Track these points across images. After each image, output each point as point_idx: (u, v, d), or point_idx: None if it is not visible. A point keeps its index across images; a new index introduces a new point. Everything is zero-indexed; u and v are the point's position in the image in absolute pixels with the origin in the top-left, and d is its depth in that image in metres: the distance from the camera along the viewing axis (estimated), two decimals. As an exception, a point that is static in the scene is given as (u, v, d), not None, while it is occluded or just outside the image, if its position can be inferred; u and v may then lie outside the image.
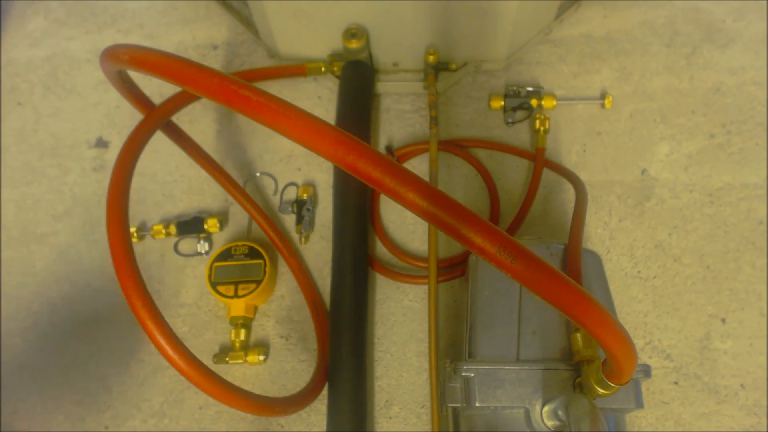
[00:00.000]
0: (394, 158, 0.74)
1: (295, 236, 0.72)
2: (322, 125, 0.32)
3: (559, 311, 0.35)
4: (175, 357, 0.42)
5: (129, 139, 0.53)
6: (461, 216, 0.31)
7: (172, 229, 0.72)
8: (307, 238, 0.71)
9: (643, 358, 0.64)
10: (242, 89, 0.33)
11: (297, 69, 0.77)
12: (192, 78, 0.36)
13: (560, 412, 0.45)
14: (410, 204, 0.31)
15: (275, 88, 0.81)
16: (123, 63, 0.42)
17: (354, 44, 0.72)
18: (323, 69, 0.76)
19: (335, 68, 0.76)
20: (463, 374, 0.49)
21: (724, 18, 0.80)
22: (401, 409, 0.64)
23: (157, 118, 0.58)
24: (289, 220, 0.73)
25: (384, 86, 0.79)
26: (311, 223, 0.72)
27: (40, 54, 0.88)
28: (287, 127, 0.33)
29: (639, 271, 0.68)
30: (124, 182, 0.49)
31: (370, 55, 0.76)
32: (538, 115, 0.73)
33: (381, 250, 0.71)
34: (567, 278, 0.31)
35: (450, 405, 0.50)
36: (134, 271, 0.44)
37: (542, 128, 0.72)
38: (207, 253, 0.72)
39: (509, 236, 0.31)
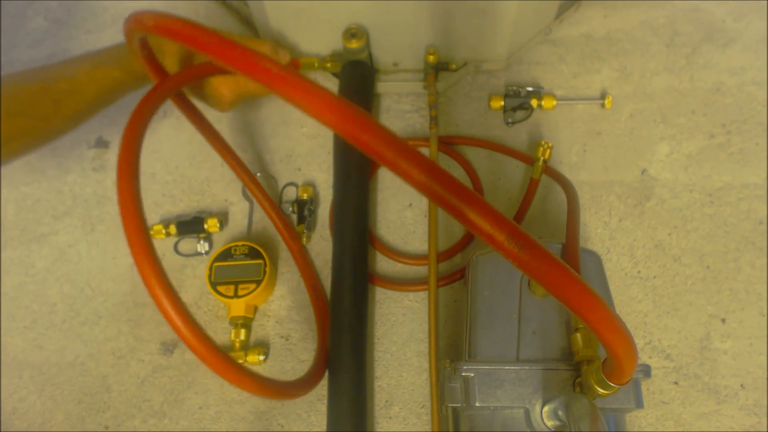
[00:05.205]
0: None
1: (295, 236, 0.72)
2: (340, 102, 0.33)
3: (559, 310, 0.35)
4: (186, 332, 0.42)
5: (141, 102, 0.51)
6: (472, 202, 0.31)
7: (172, 229, 0.72)
8: (308, 237, 0.72)
9: (643, 358, 0.64)
10: (263, 61, 0.35)
11: (290, 62, 0.75)
12: (215, 48, 0.38)
13: (560, 412, 0.45)
14: (424, 187, 0.32)
15: (275, 88, 0.81)
16: (148, 30, 0.43)
17: (354, 44, 0.72)
18: (316, 64, 0.75)
19: (328, 64, 0.75)
20: (463, 374, 0.49)
21: (724, 18, 0.80)
22: (401, 409, 0.64)
23: (169, 87, 0.57)
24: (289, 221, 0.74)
25: (384, 86, 0.79)
26: (312, 223, 0.72)
27: (40, 54, 0.88)
28: (307, 102, 0.34)
29: (639, 271, 0.68)
30: (136, 138, 0.48)
31: (370, 55, 0.76)
32: (542, 143, 0.69)
33: (379, 263, 0.71)
34: (572, 272, 0.31)
35: (450, 405, 0.50)
36: (144, 231, 0.43)
37: (542, 158, 0.69)
38: (207, 253, 0.72)
39: (517, 225, 0.31)
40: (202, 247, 0.72)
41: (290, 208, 0.72)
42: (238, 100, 0.68)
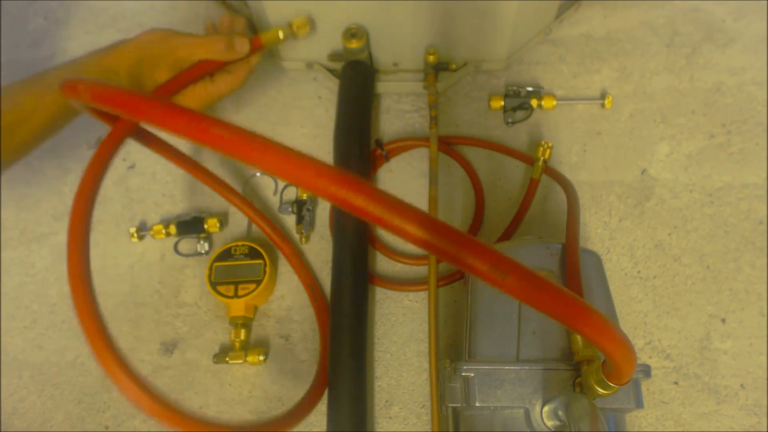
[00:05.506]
0: (383, 151, 0.75)
1: (295, 236, 0.72)
2: (300, 157, 0.31)
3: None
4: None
5: (97, 152, 0.50)
6: (450, 238, 0.30)
7: (172, 229, 0.72)
8: (307, 237, 0.72)
9: (643, 358, 0.64)
10: (214, 127, 0.31)
11: (252, 43, 0.65)
12: (160, 116, 0.34)
13: (560, 412, 0.45)
14: (397, 230, 0.30)
15: (275, 88, 0.81)
16: (83, 99, 0.40)
17: (354, 44, 0.72)
18: (281, 35, 0.66)
19: (295, 29, 0.67)
20: (463, 374, 0.49)
21: (724, 18, 0.80)
22: (401, 409, 0.64)
23: (125, 129, 0.54)
24: (289, 221, 0.73)
25: (384, 86, 0.79)
26: (311, 223, 0.72)
27: (40, 54, 0.88)
28: (264, 161, 0.30)
29: (639, 271, 0.68)
30: (89, 196, 0.47)
31: (370, 55, 0.76)
32: (542, 143, 0.69)
33: (379, 263, 0.71)
34: (561, 288, 0.31)
35: (450, 405, 0.50)
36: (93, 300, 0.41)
37: (542, 158, 0.69)
38: (207, 253, 0.72)
39: (500, 253, 0.30)
40: (202, 247, 0.72)
41: (290, 209, 0.72)
42: (203, 109, 0.66)
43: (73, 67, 0.57)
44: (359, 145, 0.70)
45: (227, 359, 0.65)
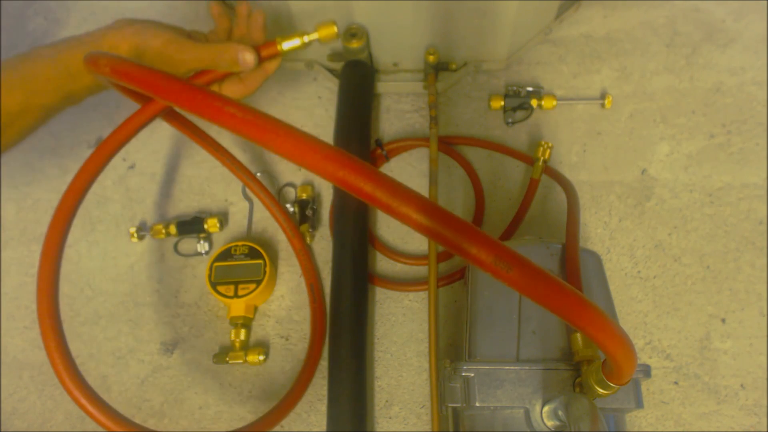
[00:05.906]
0: (383, 151, 0.75)
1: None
2: (311, 140, 0.32)
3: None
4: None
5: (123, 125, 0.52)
6: (457, 228, 0.30)
7: (172, 229, 0.72)
8: (313, 237, 0.72)
9: (643, 358, 0.64)
10: (227, 106, 0.32)
11: (266, 50, 0.58)
12: (176, 93, 0.35)
13: (560, 412, 0.45)
14: (404, 217, 0.30)
15: (275, 88, 0.81)
16: (104, 73, 0.41)
17: (354, 44, 0.72)
18: (299, 43, 0.58)
19: (321, 37, 0.59)
20: (463, 374, 0.49)
21: (724, 18, 0.80)
22: (401, 409, 0.64)
23: (155, 110, 0.56)
24: (289, 220, 0.74)
25: (384, 86, 0.79)
26: (316, 223, 0.72)
27: (40, 54, 0.88)
28: (276, 143, 0.32)
29: (639, 271, 0.68)
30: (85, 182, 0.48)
31: (370, 55, 0.76)
32: (542, 143, 0.69)
33: (379, 263, 0.71)
34: (564, 284, 0.31)
35: (450, 405, 0.50)
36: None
37: (542, 158, 0.69)
38: (207, 253, 0.72)
39: (505, 245, 0.30)
40: (202, 247, 0.72)
41: (291, 209, 0.72)
42: None
43: (61, 62, 0.55)
44: (359, 145, 0.70)
45: (227, 359, 0.65)
